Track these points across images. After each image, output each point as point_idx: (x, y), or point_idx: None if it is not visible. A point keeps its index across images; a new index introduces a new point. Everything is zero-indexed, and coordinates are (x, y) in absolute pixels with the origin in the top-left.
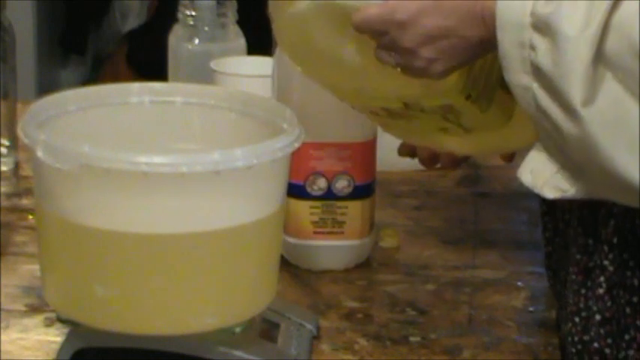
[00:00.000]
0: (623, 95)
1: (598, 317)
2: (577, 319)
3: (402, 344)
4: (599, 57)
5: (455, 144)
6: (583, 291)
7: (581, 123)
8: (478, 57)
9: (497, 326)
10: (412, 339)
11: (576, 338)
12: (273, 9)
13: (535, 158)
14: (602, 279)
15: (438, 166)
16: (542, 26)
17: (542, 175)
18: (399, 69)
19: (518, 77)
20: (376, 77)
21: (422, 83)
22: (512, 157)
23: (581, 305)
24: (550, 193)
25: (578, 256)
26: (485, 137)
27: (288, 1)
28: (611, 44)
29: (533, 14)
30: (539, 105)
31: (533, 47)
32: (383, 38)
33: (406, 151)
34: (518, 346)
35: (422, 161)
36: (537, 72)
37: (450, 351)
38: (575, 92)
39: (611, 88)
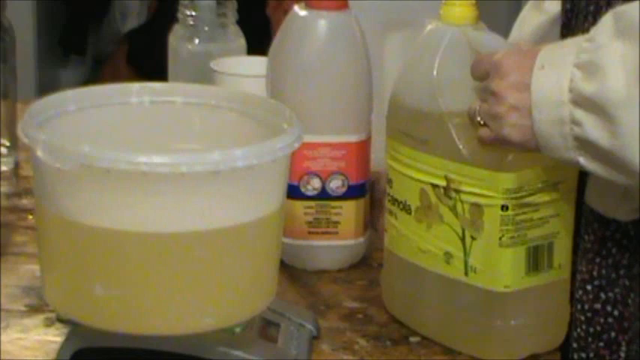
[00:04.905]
0: None
1: (609, 284)
2: (589, 287)
3: (402, 344)
4: None
5: None
6: (598, 260)
7: None
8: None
9: None
10: (412, 339)
11: (586, 306)
12: None
13: (599, 183)
14: (615, 249)
15: None
16: (585, 102)
17: (611, 199)
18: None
19: (560, 153)
20: None
21: None
22: None
23: (594, 274)
24: (625, 217)
25: (595, 225)
26: None
27: None
28: None
29: (572, 90)
30: (591, 172)
31: (576, 123)
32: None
33: None
34: None
35: None
36: (586, 146)
37: (450, 351)
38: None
39: None
